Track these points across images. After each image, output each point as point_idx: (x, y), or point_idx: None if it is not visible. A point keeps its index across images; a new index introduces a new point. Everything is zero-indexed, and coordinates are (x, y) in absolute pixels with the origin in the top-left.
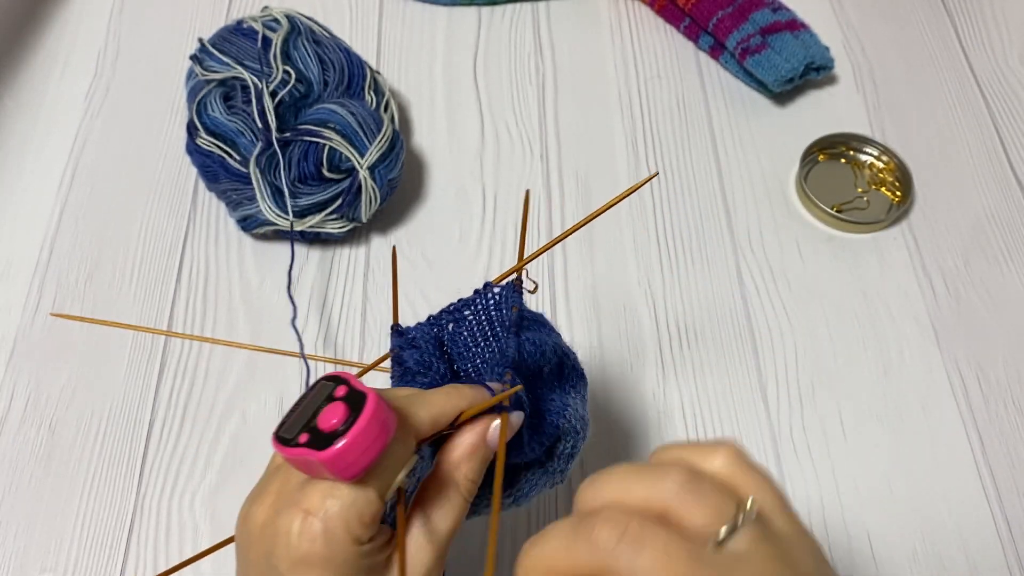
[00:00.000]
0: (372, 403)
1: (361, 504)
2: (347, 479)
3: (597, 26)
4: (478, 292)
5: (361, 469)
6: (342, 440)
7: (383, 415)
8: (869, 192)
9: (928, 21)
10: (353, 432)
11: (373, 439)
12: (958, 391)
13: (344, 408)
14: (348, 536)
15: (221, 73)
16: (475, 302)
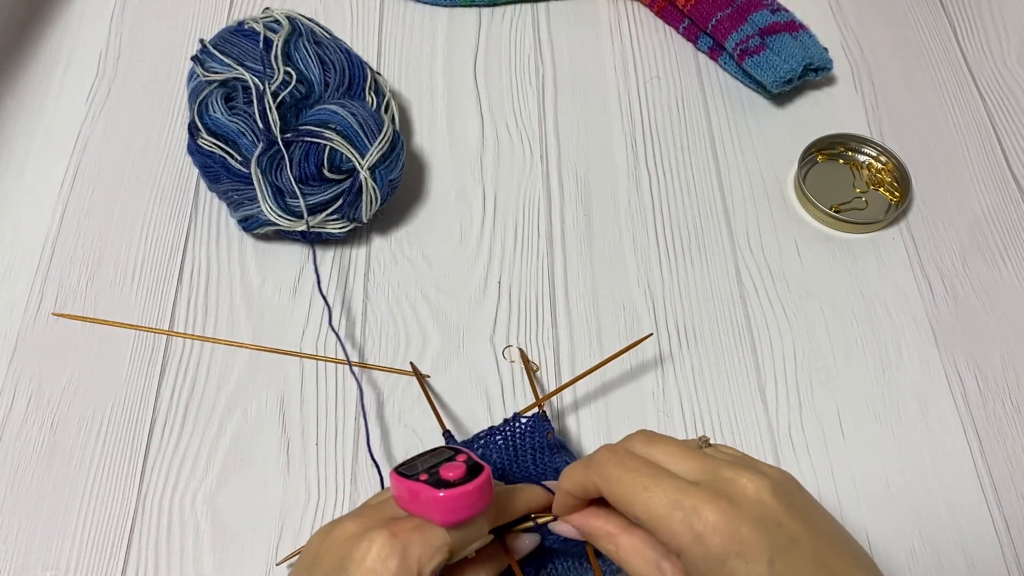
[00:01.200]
0: (486, 474)
1: (438, 548)
2: (443, 522)
3: (597, 27)
4: (507, 421)
5: (459, 518)
6: (456, 489)
7: (488, 487)
8: (867, 192)
9: (927, 22)
10: (466, 487)
11: (477, 499)
12: (956, 390)
13: (464, 469)
14: (415, 570)
15: (222, 74)
16: (503, 429)
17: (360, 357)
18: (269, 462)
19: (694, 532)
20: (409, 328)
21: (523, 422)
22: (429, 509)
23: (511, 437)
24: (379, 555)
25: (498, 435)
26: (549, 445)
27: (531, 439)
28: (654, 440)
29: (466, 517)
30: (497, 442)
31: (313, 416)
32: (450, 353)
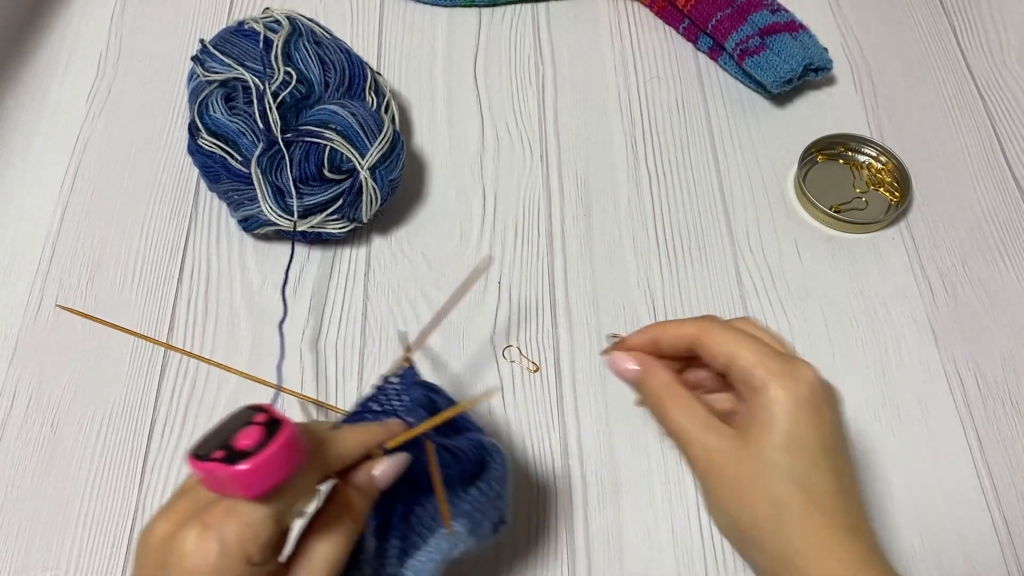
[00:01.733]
0: (287, 430)
1: (258, 524)
2: (250, 496)
3: (597, 27)
4: (377, 387)
5: (266, 488)
6: (253, 459)
7: (295, 442)
8: (867, 192)
9: (926, 22)
10: (265, 453)
11: (281, 462)
12: (956, 390)
13: (260, 431)
14: (241, 554)
15: (222, 74)
16: (377, 396)
17: (361, 358)
18: None
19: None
20: (409, 328)
21: (394, 381)
22: (231, 487)
23: (386, 401)
24: (196, 551)
25: (373, 403)
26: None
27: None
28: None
29: (273, 484)
30: (372, 409)
31: (313, 417)
32: (450, 353)
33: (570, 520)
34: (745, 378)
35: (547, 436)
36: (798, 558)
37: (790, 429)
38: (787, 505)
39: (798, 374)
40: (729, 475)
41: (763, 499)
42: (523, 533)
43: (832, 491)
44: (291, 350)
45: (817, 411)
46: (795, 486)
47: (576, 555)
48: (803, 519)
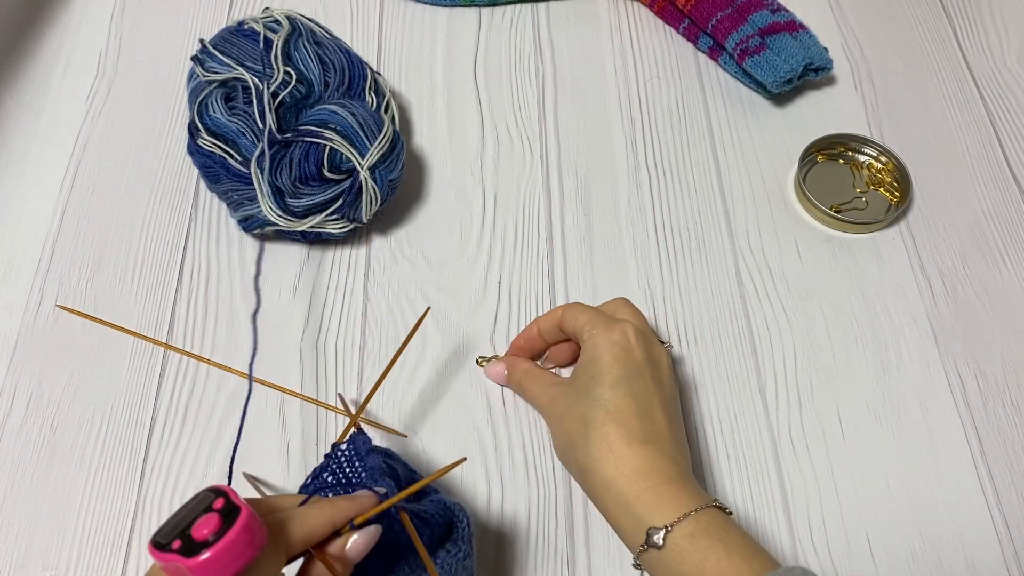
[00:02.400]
0: (243, 518)
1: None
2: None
3: (597, 27)
4: (328, 456)
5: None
6: (209, 550)
7: (253, 530)
8: (867, 192)
9: (926, 22)
10: (221, 544)
11: (239, 552)
12: (956, 391)
13: (218, 520)
14: None
15: (222, 74)
16: (328, 466)
17: (361, 358)
18: (269, 462)
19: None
20: (409, 328)
21: (343, 449)
22: None
23: (339, 470)
24: None
25: (325, 473)
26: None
27: (360, 460)
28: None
29: (234, 573)
30: (327, 480)
31: (313, 416)
32: (450, 353)
33: (570, 520)
34: (581, 335)
35: (547, 436)
36: (595, 462)
37: (599, 364)
38: (591, 421)
39: (616, 327)
40: (559, 409)
41: (576, 419)
42: (523, 533)
43: (628, 410)
44: (291, 350)
45: (625, 352)
46: (598, 407)
47: (576, 555)
48: (599, 431)
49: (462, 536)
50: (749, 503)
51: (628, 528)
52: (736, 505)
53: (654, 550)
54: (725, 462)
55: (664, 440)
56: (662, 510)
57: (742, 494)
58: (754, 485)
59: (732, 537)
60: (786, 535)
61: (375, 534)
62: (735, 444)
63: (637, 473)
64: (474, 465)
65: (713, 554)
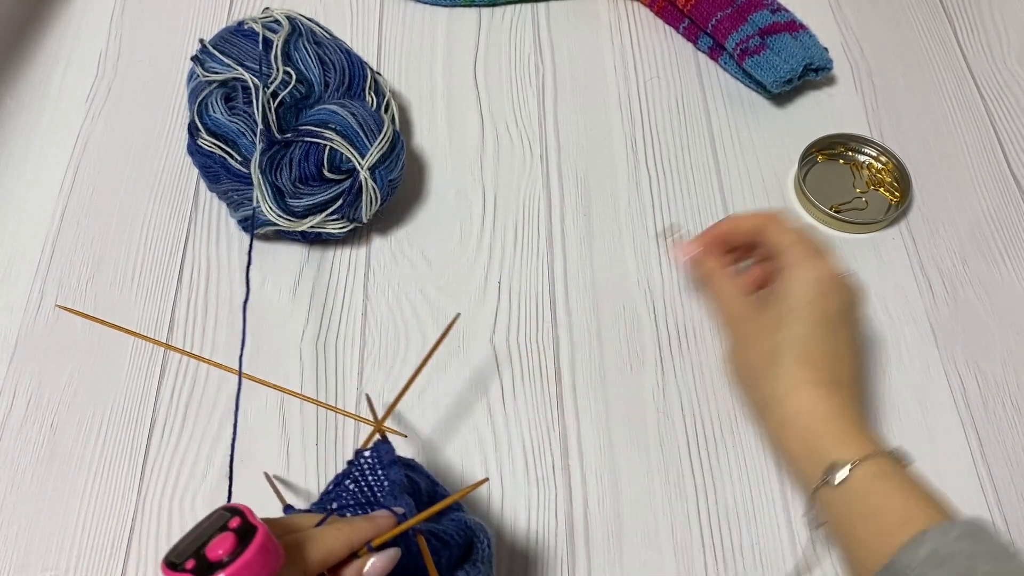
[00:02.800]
0: (260, 538)
1: None
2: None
3: (597, 27)
4: (351, 462)
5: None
6: (224, 571)
7: (269, 551)
8: (867, 192)
9: (927, 22)
10: (236, 564)
11: (255, 573)
12: (956, 391)
13: (233, 540)
14: None
15: (222, 74)
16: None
17: (361, 358)
18: (269, 462)
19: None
20: (409, 328)
21: (367, 456)
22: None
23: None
24: None
25: (347, 481)
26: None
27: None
28: None
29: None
30: (349, 488)
31: (313, 417)
32: (450, 353)
33: (570, 520)
34: (781, 261)
35: (547, 436)
36: (781, 397)
37: (798, 300)
38: (781, 354)
39: (819, 263)
40: (746, 330)
41: (765, 349)
42: (523, 533)
43: (821, 352)
44: (291, 350)
45: (823, 293)
46: (791, 343)
47: (576, 555)
48: (790, 368)
49: (482, 558)
50: (749, 503)
51: (807, 463)
52: (736, 504)
53: (830, 489)
54: (725, 462)
55: (852, 386)
56: (847, 447)
57: (742, 494)
58: (754, 485)
59: (912, 484)
60: (786, 535)
61: (394, 557)
62: (735, 444)
63: (823, 413)
64: (474, 465)
65: (893, 497)
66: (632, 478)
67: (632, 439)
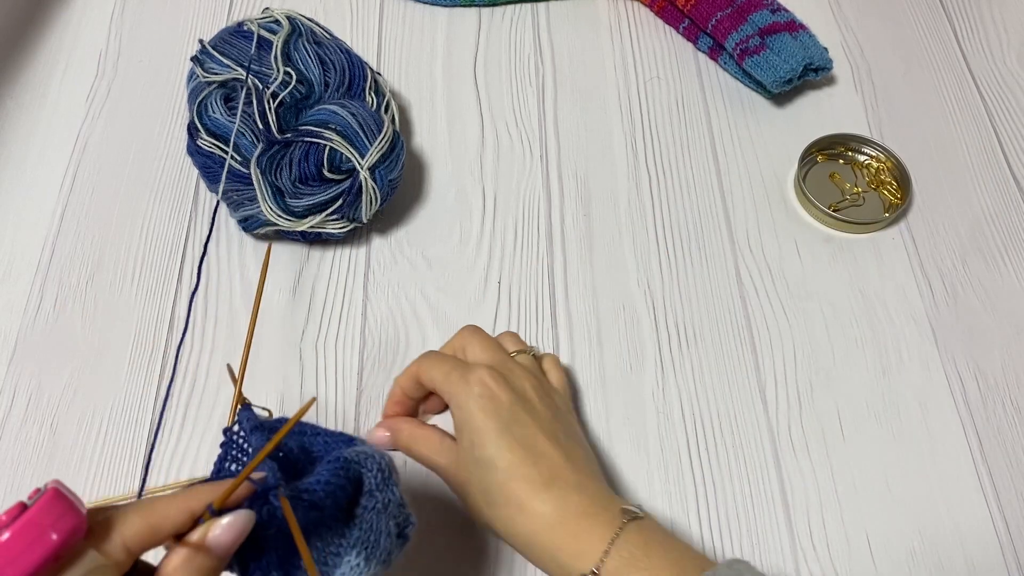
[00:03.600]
0: (46, 496)
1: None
2: None
3: (597, 27)
4: (224, 444)
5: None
6: (11, 527)
7: (61, 500)
8: (867, 192)
9: (926, 22)
10: (15, 525)
11: (47, 524)
12: (956, 391)
13: (21, 506)
14: None
15: (222, 74)
16: (227, 454)
17: (361, 358)
18: None
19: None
20: (409, 328)
21: (237, 431)
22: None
23: (241, 455)
24: None
25: (227, 462)
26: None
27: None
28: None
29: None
30: (233, 471)
31: (313, 417)
32: None
33: None
34: (442, 395)
35: None
36: (509, 526)
37: (472, 424)
38: (489, 487)
39: (472, 377)
40: (460, 481)
41: (477, 489)
42: None
43: (520, 461)
44: (291, 350)
45: (490, 401)
46: (490, 470)
47: None
48: (503, 494)
49: (376, 486)
50: (749, 503)
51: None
52: (736, 505)
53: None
54: (725, 462)
55: (562, 470)
56: (585, 553)
57: (742, 494)
58: (754, 485)
59: (654, 555)
60: (786, 535)
61: (245, 521)
62: (735, 444)
63: (550, 524)
64: None
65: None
66: (632, 478)
67: (632, 439)
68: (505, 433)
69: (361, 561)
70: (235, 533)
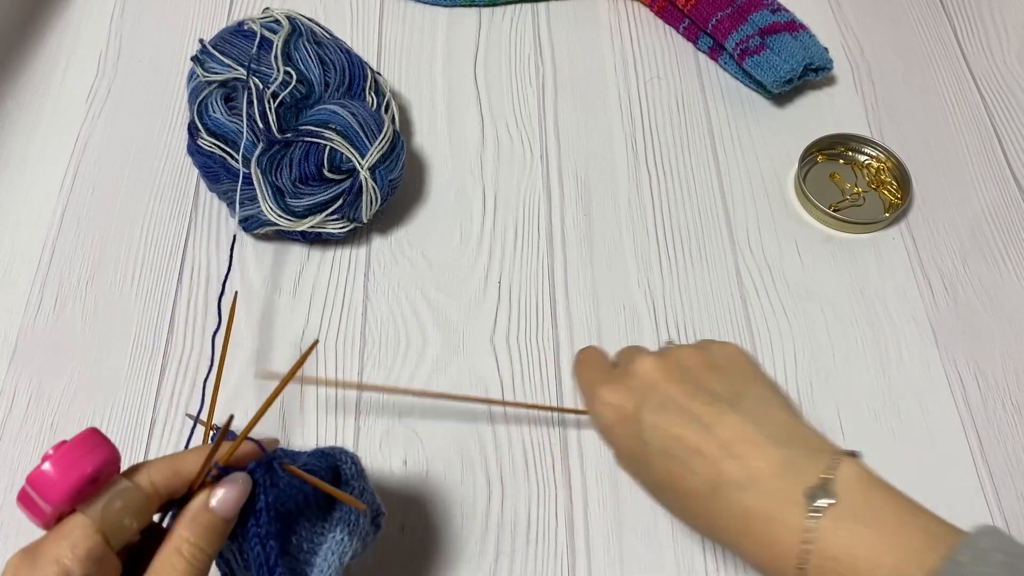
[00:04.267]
0: (86, 432)
1: (78, 534)
2: (60, 498)
3: (597, 27)
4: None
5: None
6: (52, 456)
7: (96, 436)
8: (868, 192)
9: (927, 22)
10: (63, 447)
11: (83, 453)
12: (956, 391)
13: (63, 443)
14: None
15: (222, 74)
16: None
17: (361, 358)
18: None
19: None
20: (409, 328)
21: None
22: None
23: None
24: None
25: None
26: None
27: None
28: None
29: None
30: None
31: (312, 417)
32: (450, 354)
33: (570, 520)
34: None
35: (547, 436)
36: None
37: (617, 451)
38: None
39: (596, 407)
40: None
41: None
42: (523, 533)
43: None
44: (291, 350)
45: (624, 425)
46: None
47: (576, 555)
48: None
49: (352, 475)
50: None
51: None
52: None
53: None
54: None
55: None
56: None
57: None
58: None
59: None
60: None
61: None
62: None
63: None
64: (474, 465)
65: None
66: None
67: None
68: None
69: (344, 536)
70: (239, 495)
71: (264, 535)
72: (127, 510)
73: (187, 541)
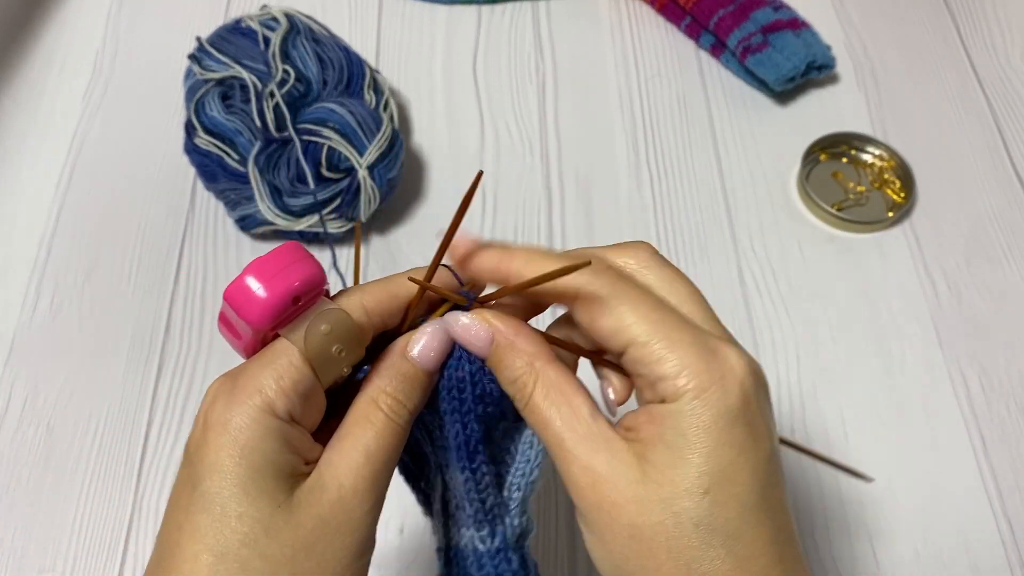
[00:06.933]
0: (287, 244)
1: (285, 363)
2: (256, 322)
3: (597, 25)
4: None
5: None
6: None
7: (298, 255)
8: (871, 192)
9: (930, 20)
10: (258, 263)
11: (287, 261)
12: (960, 391)
13: None
14: (261, 398)
15: (219, 72)
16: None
17: None
18: None
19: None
20: None
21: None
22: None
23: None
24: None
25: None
26: None
27: None
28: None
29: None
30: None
31: None
32: None
33: (570, 520)
34: (651, 377)
35: None
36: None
37: (713, 462)
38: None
39: (726, 375)
40: (624, 522)
41: (673, 565)
42: None
43: (766, 541)
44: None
45: (750, 429)
46: (721, 548)
47: (576, 555)
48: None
49: None
50: None
51: None
52: None
53: None
54: None
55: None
56: None
57: None
58: None
59: None
60: None
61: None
62: None
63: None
64: None
65: None
66: None
67: None
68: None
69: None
70: (441, 345)
71: (465, 412)
72: (335, 336)
73: (383, 391)
